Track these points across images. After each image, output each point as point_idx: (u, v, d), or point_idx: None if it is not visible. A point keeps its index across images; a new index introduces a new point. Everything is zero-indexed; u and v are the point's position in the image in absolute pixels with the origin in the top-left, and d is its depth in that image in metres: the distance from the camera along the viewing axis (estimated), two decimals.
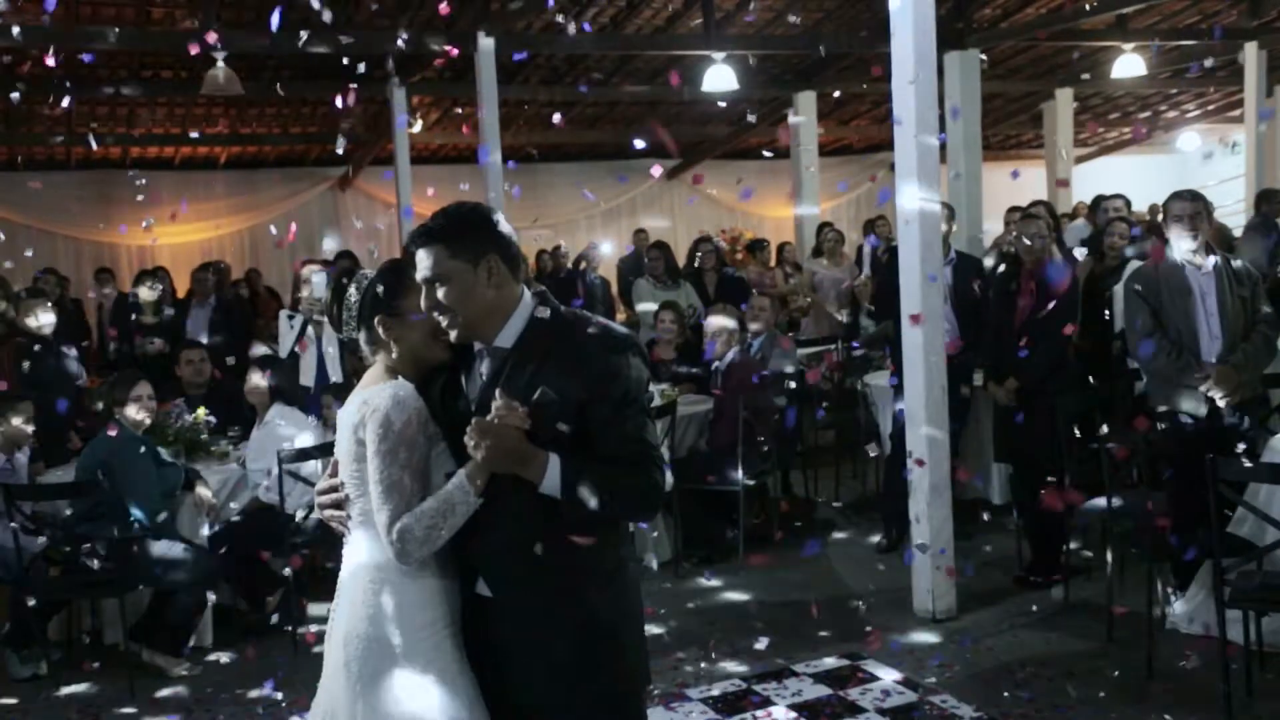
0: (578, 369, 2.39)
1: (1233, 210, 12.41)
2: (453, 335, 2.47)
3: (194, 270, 9.96)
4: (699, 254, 9.89)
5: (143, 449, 5.32)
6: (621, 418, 2.39)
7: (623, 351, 2.43)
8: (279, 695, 4.79)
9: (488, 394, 2.44)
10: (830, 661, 4.90)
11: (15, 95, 9.30)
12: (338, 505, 2.57)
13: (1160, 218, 5.97)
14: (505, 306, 2.46)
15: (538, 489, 2.36)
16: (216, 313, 9.09)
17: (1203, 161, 19.16)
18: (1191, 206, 5.11)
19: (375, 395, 2.47)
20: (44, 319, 6.82)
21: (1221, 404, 5.00)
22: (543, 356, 2.42)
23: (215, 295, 9.44)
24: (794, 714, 4.41)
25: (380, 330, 2.56)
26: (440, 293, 2.42)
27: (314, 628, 5.45)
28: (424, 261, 2.44)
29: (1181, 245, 5.12)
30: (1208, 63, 12.55)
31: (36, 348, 6.68)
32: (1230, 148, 18.86)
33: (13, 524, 4.95)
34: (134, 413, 5.35)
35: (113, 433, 5.26)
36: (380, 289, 2.57)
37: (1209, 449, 4.42)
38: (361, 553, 2.51)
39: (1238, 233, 9.16)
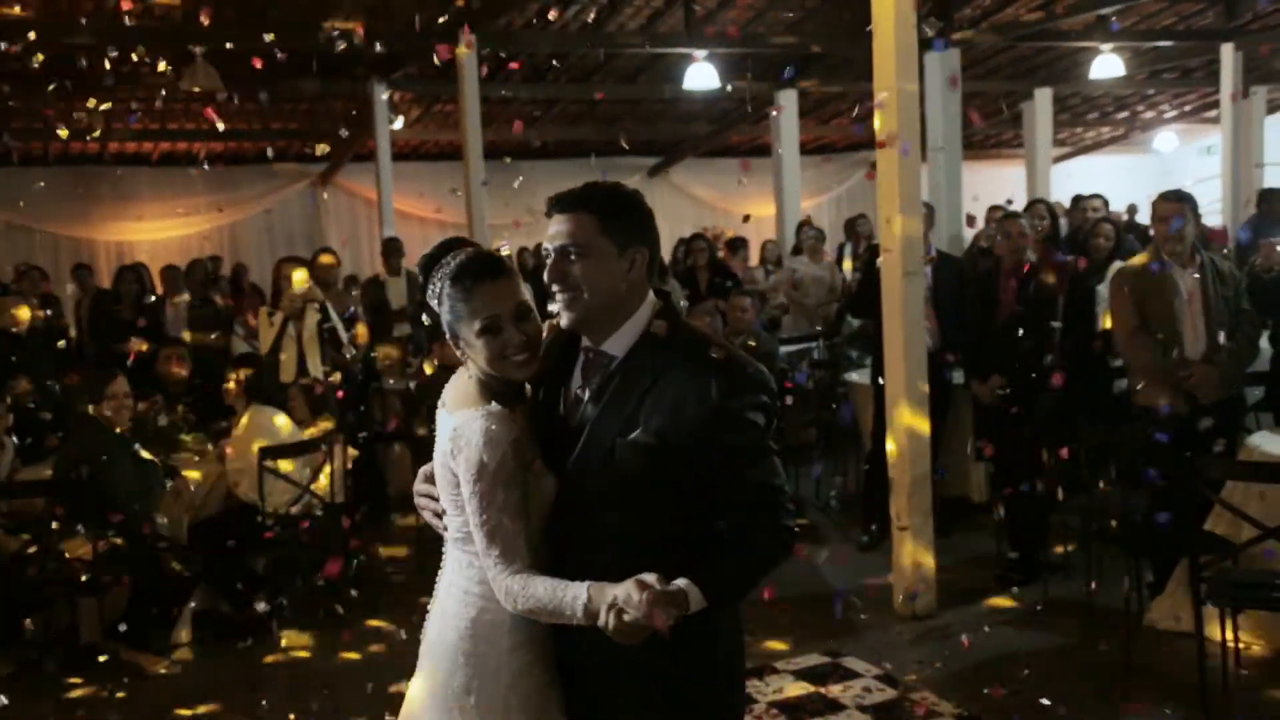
0: (697, 409, 2.14)
1: (1209, 211, 12.51)
2: (565, 319, 2.25)
3: (163, 269, 9.91)
4: (692, 250, 9.85)
5: (119, 446, 5.28)
6: (743, 464, 2.17)
7: (754, 393, 2.18)
8: (259, 695, 4.78)
9: (588, 412, 2.25)
10: (811, 659, 4.92)
11: None
12: (434, 507, 2.44)
13: (1130, 218, 6.01)
14: (630, 307, 2.26)
15: (638, 541, 2.16)
16: (192, 309, 9.04)
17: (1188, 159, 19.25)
18: (1175, 207, 5.16)
19: (466, 427, 2.26)
20: (21, 317, 6.78)
21: (1203, 401, 5.05)
22: (652, 382, 2.19)
23: (190, 292, 9.37)
24: (775, 711, 4.42)
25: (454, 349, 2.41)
26: (575, 266, 2.20)
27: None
28: (564, 227, 2.22)
29: (1167, 245, 5.16)
30: (1191, 63, 12.63)
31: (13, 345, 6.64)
32: (1206, 150, 19.01)
33: None
34: (110, 410, 5.31)
35: (89, 431, 5.24)
36: (445, 309, 2.34)
37: (1189, 447, 4.47)
38: (457, 569, 2.39)
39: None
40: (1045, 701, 4.38)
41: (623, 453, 2.18)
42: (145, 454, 5.51)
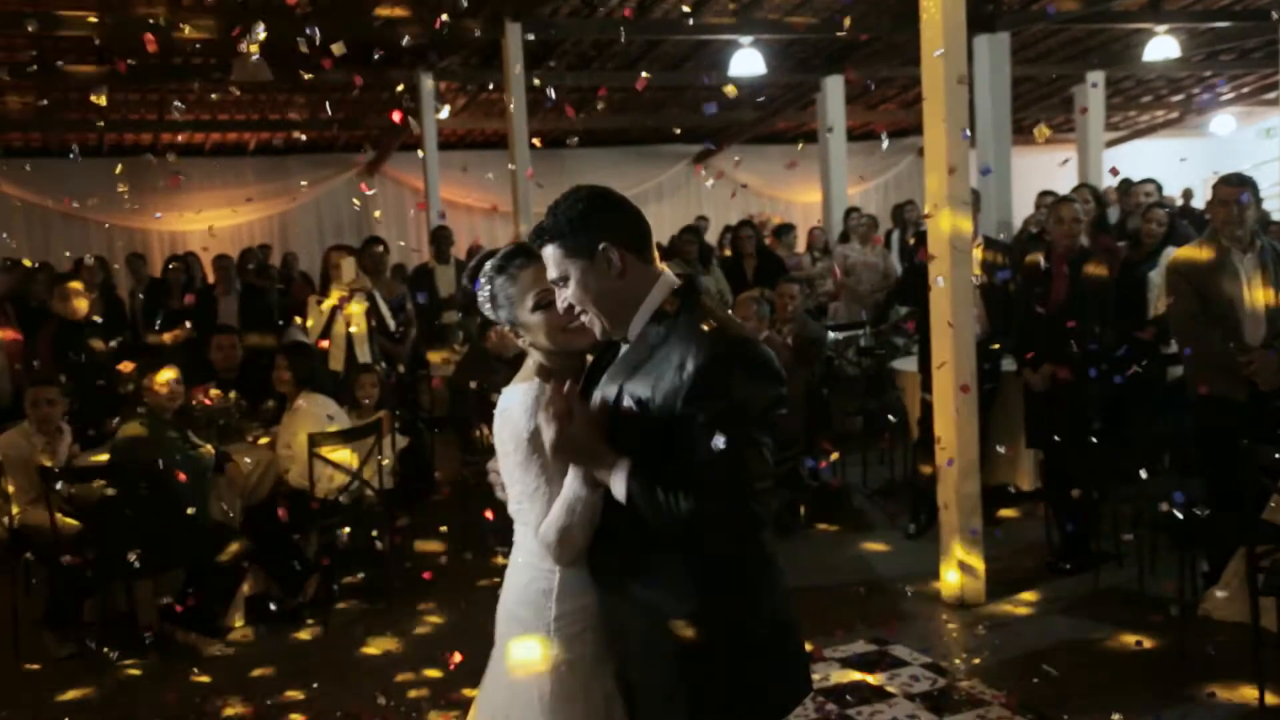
0: (675, 376, 2.16)
1: (1267, 195, 12.25)
2: (597, 333, 2.33)
3: (215, 258, 10.01)
4: (740, 237, 9.77)
5: (169, 432, 5.37)
6: (708, 437, 2.12)
7: (738, 368, 2.16)
8: (310, 678, 4.86)
9: (589, 389, 2.35)
10: (858, 647, 4.90)
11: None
12: (499, 480, 2.58)
13: (1186, 203, 5.91)
14: (638, 294, 2.28)
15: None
16: (243, 300, 9.11)
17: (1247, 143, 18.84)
18: (1236, 190, 5.06)
19: (512, 399, 2.42)
20: (79, 305, 6.91)
21: (1263, 389, 4.95)
22: (649, 355, 2.24)
23: (241, 282, 9.46)
24: (822, 699, 4.41)
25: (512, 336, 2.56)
26: (566, 293, 2.29)
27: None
28: (546, 261, 2.31)
29: (1227, 229, 5.07)
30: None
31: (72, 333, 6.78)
32: (1265, 132, 18.61)
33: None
34: (160, 397, 5.41)
35: (138, 418, 5.34)
36: (485, 299, 2.49)
37: (1247, 434, 4.38)
38: (517, 539, 2.53)
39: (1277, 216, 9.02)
40: (1096, 692, 4.34)
41: (612, 420, 2.26)
42: (195, 439, 5.59)
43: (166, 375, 5.42)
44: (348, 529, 5.77)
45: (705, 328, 2.20)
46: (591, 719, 2.41)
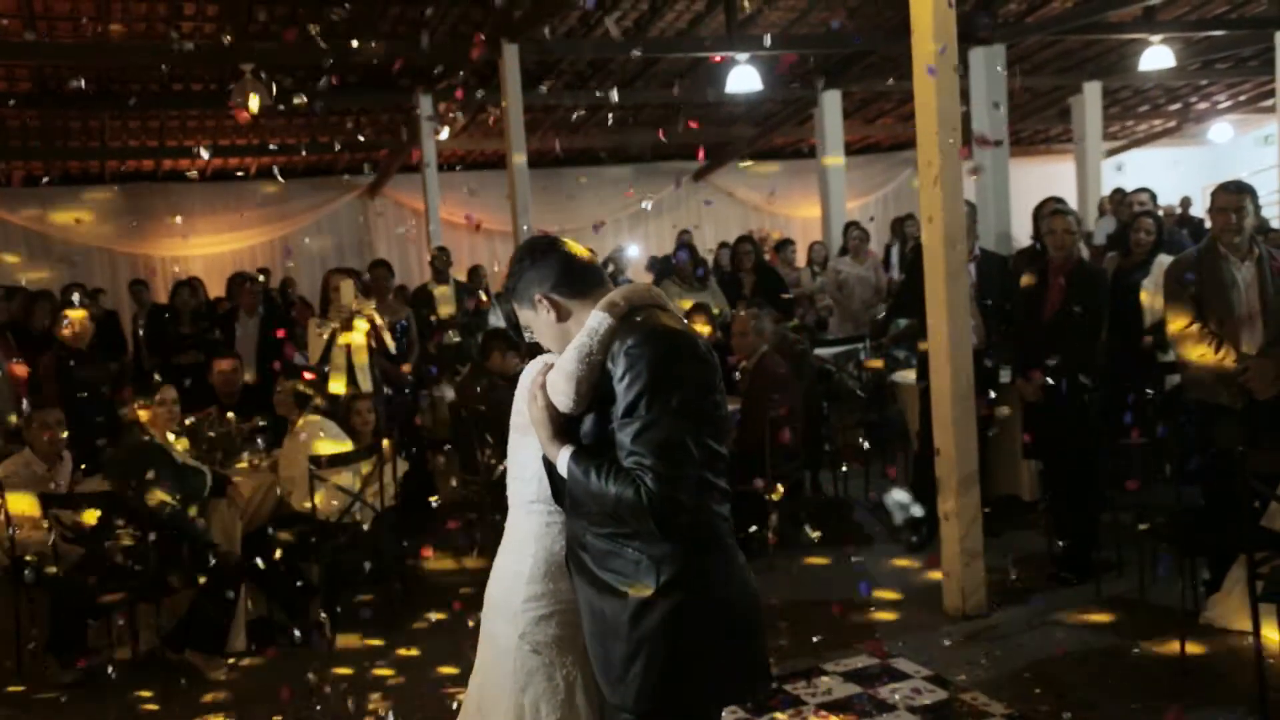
0: (611, 369, 2.36)
1: (1265, 203, 12.27)
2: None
3: (236, 279, 9.90)
4: (738, 253, 9.73)
5: (157, 454, 5.39)
6: (630, 421, 2.31)
7: (640, 346, 2.34)
8: (314, 700, 4.86)
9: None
10: (860, 660, 4.90)
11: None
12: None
13: (1184, 211, 5.92)
14: (581, 321, 2.49)
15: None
16: (266, 324, 9.03)
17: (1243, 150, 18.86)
18: (1237, 199, 5.07)
19: (524, 374, 2.65)
20: (80, 333, 6.96)
21: (1259, 397, 4.95)
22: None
23: (264, 305, 9.39)
24: (824, 712, 4.41)
25: None
26: (532, 334, 2.60)
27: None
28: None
29: (1225, 237, 5.08)
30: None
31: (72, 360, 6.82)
32: (1263, 140, 18.65)
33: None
34: (154, 419, 5.43)
35: (128, 439, 5.38)
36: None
37: (1244, 442, 4.39)
38: (509, 520, 2.77)
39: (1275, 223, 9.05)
40: (1098, 703, 4.34)
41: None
42: (191, 461, 5.60)
43: (163, 395, 5.45)
44: (357, 558, 5.77)
45: (629, 331, 2.38)
46: (552, 701, 2.51)
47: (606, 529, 2.39)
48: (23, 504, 5.47)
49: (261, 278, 9.17)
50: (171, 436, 5.56)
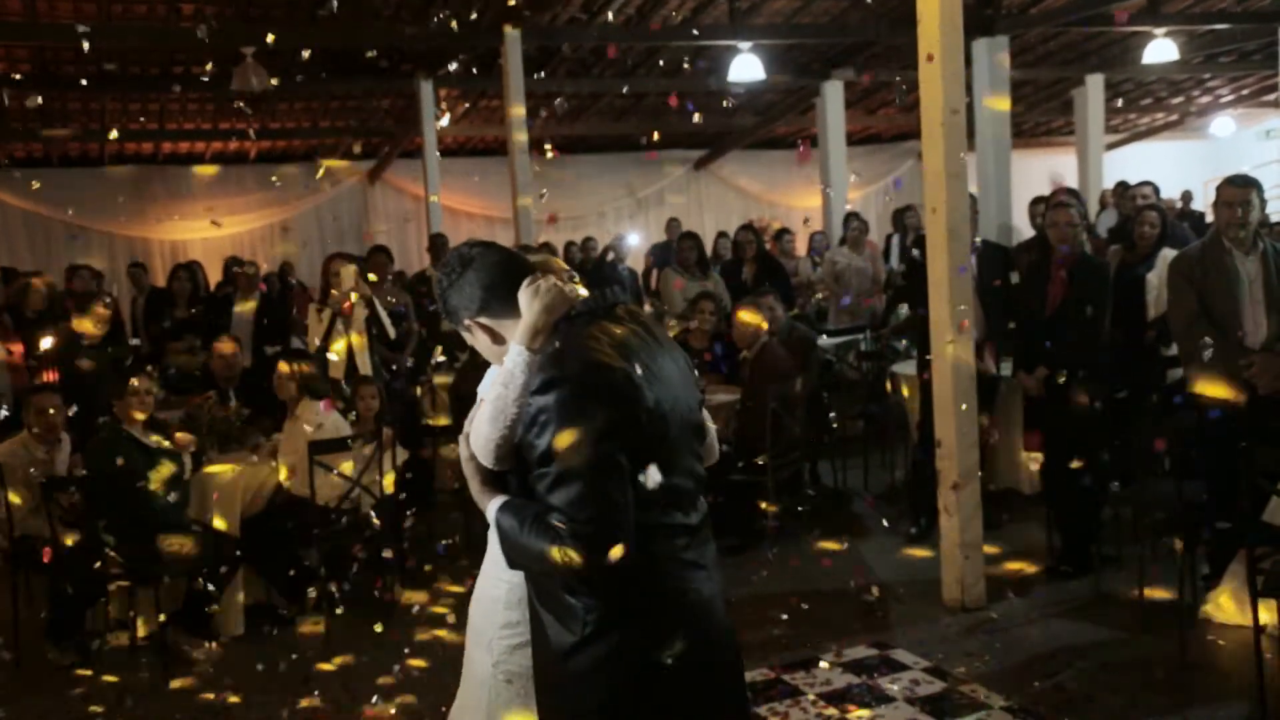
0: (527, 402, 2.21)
1: (1268, 197, 12.24)
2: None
3: (231, 263, 9.88)
4: (740, 242, 9.69)
5: (128, 442, 5.39)
6: (545, 474, 2.13)
7: (547, 388, 2.14)
8: (310, 685, 4.86)
9: None
10: (859, 651, 4.90)
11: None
12: None
13: (1185, 205, 5.89)
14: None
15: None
16: (263, 308, 9.00)
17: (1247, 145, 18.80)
18: (1243, 193, 5.05)
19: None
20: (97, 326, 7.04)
21: (1263, 392, 4.94)
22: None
23: (261, 290, 9.34)
24: (823, 703, 4.41)
25: None
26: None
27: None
28: None
29: (1230, 231, 5.06)
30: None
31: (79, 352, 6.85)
32: (1265, 134, 18.63)
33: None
34: (129, 408, 5.42)
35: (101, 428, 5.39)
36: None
37: (1247, 437, 4.38)
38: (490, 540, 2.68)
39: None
40: (1097, 695, 4.34)
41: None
42: (164, 443, 5.59)
43: (136, 386, 5.44)
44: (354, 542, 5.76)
45: (557, 344, 2.22)
46: None
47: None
48: (19, 487, 5.47)
49: (251, 270, 9.15)
50: (141, 416, 5.51)
